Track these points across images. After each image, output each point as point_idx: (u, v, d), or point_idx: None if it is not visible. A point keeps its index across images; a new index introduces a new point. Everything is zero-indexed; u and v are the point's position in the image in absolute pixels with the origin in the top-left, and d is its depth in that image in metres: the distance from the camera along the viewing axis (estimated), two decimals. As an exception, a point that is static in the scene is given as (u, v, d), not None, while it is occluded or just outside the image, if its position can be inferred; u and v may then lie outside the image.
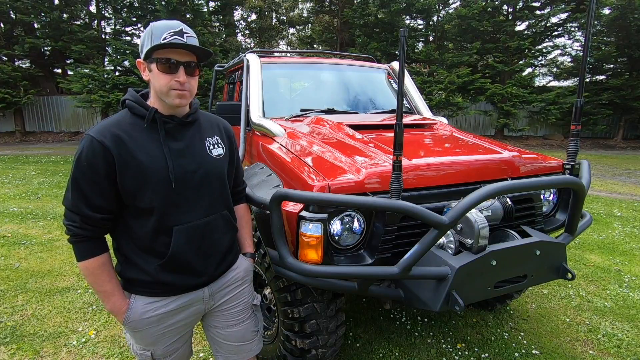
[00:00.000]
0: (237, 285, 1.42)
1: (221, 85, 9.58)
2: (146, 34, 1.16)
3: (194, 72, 1.20)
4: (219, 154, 1.32)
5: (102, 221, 1.16)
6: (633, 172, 9.05)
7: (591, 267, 3.58)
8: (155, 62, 1.14)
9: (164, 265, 1.20)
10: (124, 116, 1.19)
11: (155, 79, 1.16)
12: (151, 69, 1.16)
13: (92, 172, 1.10)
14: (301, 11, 18.27)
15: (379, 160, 1.71)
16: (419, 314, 2.76)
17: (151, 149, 1.16)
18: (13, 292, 2.97)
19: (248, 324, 1.46)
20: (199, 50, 1.18)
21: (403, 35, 1.29)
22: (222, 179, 1.33)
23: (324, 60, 3.38)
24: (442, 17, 13.74)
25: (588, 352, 2.36)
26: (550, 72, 15.23)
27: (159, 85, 1.16)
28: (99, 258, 1.17)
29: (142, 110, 1.18)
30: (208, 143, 1.30)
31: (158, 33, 1.13)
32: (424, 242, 1.34)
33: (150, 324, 1.24)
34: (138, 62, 1.21)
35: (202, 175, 1.25)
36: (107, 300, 1.21)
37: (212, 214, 1.29)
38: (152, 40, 1.13)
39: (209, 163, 1.28)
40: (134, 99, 1.21)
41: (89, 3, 14.40)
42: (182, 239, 1.21)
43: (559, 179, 1.59)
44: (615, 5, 12.15)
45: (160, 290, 1.24)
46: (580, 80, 1.71)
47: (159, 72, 1.15)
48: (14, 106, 13.40)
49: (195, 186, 1.23)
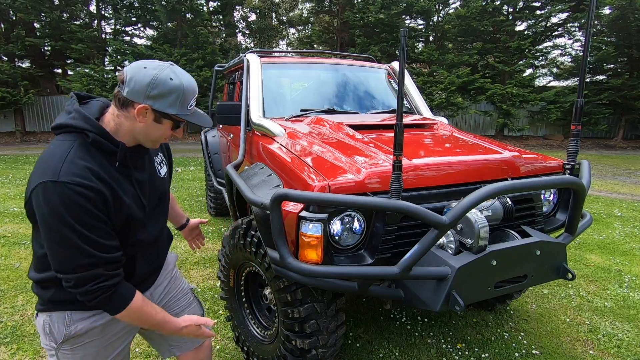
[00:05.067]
0: (170, 276, 1.44)
1: (221, 85, 9.59)
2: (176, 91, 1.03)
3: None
4: (165, 172, 1.32)
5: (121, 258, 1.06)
6: (633, 172, 9.05)
7: (591, 267, 3.58)
8: (169, 119, 1.07)
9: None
10: (86, 151, 1.00)
11: (155, 130, 1.07)
12: (160, 122, 1.06)
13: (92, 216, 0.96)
14: (301, 11, 18.26)
15: (379, 160, 1.71)
16: (419, 314, 2.76)
17: (126, 185, 1.07)
18: (13, 292, 2.97)
19: (194, 307, 1.49)
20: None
21: (403, 35, 1.29)
22: (168, 195, 1.36)
23: (324, 60, 3.38)
24: (442, 17, 13.74)
25: (588, 352, 2.36)
26: (550, 72, 15.22)
27: (156, 135, 1.09)
28: (137, 294, 1.09)
29: (110, 146, 1.03)
30: (156, 164, 1.28)
31: (189, 98, 1.06)
32: (424, 242, 1.34)
33: (93, 336, 1.15)
34: (140, 108, 1.01)
35: (158, 197, 1.25)
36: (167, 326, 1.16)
37: (164, 229, 1.33)
38: (182, 105, 1.05)
39: (162, 185, 1.28)
40: (98, 132, 1.01)
41: (89, 3, 14.40)
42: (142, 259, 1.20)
43: (559, 179, 1.59)
44: (616, 5, 12.15)
45: None
46: (580, 80, 1.71)
47: (167, 129, 1.09)
48: (14, 106, 13.39)
49: (154, 208, 1.23)
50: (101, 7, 14.33)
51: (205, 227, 4.49)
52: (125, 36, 14.98)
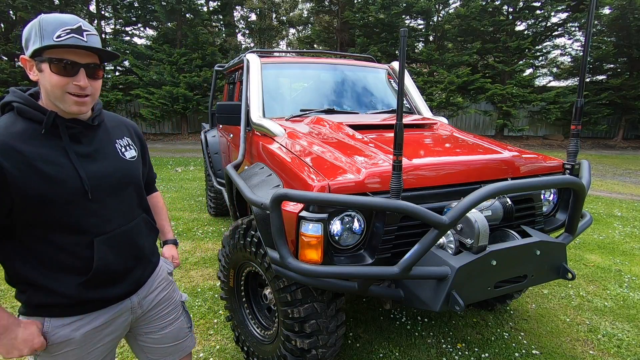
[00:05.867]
0: (163, 286, 1.35)
1: (221, 85, 9.59)
2: (33, 27, 0.98)
3: (95, 74, 1.05)
4: (133, 156, 1.24)
5: None
6: (633, 172, 9.05)
7: (591, 267, 3.58)
8: (47, 62, 0.98)
9: (87, 282, 1.08)
10: (13, 122, 1.00)
11: (47, 81, 0.99)
12: (41, 69, 0.99)
13: None
14: (301, 11, 18.27)
15: (379, 160, 1.71)
16: (419, 314, 2.76)
17: (54, 157, 1.01)
18: (13, 292, 2.97)
19: (180, 321, 1.41)
20: (101, 51, 1.04)
21: (403, 35, 1.29)
22: (139, 181, 1.26)
23: (324, 60, 3.38)
24: (442, 17, 13.75)
25: (588, 352, 2.36)
26: (550, 72, 15.23)
27: (52, 88, 0.99)
28: None
29: (37, 114, 1.01)
30: (119, 146, 1.21)
31: (50, 29, 0.96)
32: (424, 242, 1.34)
33: (70, 346, 1.09)
34: (22, 59, 1.02)
35: (118, 179, 1.15)
36: None
37: (134, 219, 1.21)
38: (43, 37, 0.96)
39: (124, 166, 1.19)
40: (24, 101, 1.02)
41: (89, 3, 14.40)
42: (106, 250, 1.10)
43: (559, 179, 1.59)
44: (615, 5, 12.15)
45: (83, 309, 1.11)
46: (580, 80, 1.71)
47: (52, 74, 0.98)
48: (13, 106, 13.39)
49: (112, 193, 1.13)
50: (101, 7, 14.34)
51: (205, 227, 4.49)
52: (125, 36, 14.97)
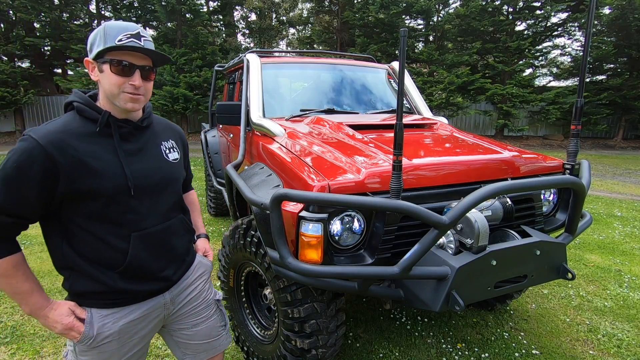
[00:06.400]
0: (196, 285, 1.39)
1: (221, 85, 9.59)
2: (98, 33, 1.10)
3: (149, 76, 1.16)
4: (175, 158, 1.31)
5: (13, 227, 1.06)
6: (633, 172, 9.05)
7: (591, 267, 3.58)
8: (107, 63, 1.09)
9: (122, 272, 1.15)
10: (72, 120, 1.11)
11: (107, 80, 1.11)
12: (102, 69, 1.11)
13: (20, 178, 1.00)
14: (301, 11, 18.26)
15: (379, 160, 1.71)
16: (419, 314, 2.76)
17: (104, 154, 1.11)
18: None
19: (214, 320, 1.44)
20: (155, 55, 1.14)
21: (403, 35, 1.29)
22: (178, 183, 1.32)
23: (324, 60, 3.38)
24: (442, 17, 13.75)
25: (588, 352, 2.36)
26: (550, 72, 15.23)
27: (110, 86, 1.10)
28: (13, 258, 1.06)
29: (93, 113, 1.12)
30: (164, 147, 1.28)
31: (113, 33, 1.08)
32: (424, 242, 1.34)
33: (109, 338, 1.17)
34: (86, 61, 1.14)
35: (159, 180, 1.22)
36: (25, 302, 1.09)
37: (170, 219, 1.27)
38: (106, 40, 1.08)
39: (166, 167, 1.25)
40: (83, 101, 1.13)
41: (89, 3, 14.40)
42: (141, 245, 1.17)
43: (559, 179, 1.59)
44: (615, 5, 12.15)
45: (120, 300, 1.18)
46: (580, 80, 1.71)
47: (111, 74, 1.09)
48: (13, 105, 13.39)
49: (152, 192, 1.20)
50: (101, 7, 14.34)
51: (206, 227, 4.48)
52: (125, 36, 14.97)
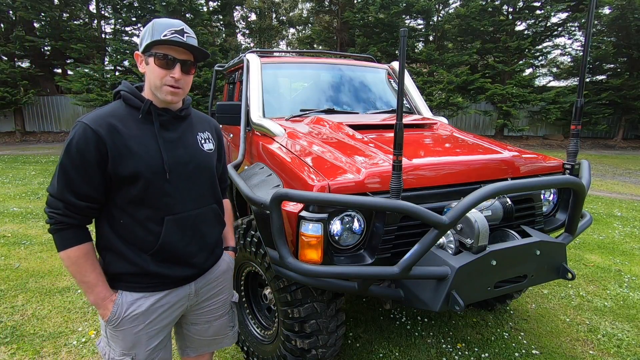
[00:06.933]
0: (220, 281, 1.44)
1: (221, 85, 9.58)
2: (147, 29, 1.19)
3: (189, 70, 1.23)
4: (210, 148, 1.37)
5: (87, 209, 1.16)
6: (633, 172, 9.05)
7: (591, 267, 3.58)
8: (153, 56, 1.18)
9: (154, 254, 1.21)
10: (118, 107, 1.21)
11: (151, 72, 1.19)
12: (148, 62, 1.20)
13: (82, 160, 1.11)
14: (301, 11, 18.25)
15: (379, 160, 1.71)
16: (419, 314, 2.76)
17: (145, 139, 1.19)
18: (13, 292, 2.97)
19: (225, 319, 1.50)
20: (196, 51, 1.22)
21: (403, 35, 1.29)
22: (212, 172, 1.38)
23: (324, 60, 3.38)
24: (442, 17, 13.74)
25: (588, 352, 2.36)
26: (550, 72, 15.22)
27: (153, 78, 1.19)
28: (83, 247, 1.16)
29: (137, 102, 1.21)
30: (200, 138, 1.35)
31: (160, 29, 1.16)
32: (424, 242, 1.34)
33: (135, 320, 1.23)
34: (136, 55, 1.24)
35: (194, 167, 1.29)
36: (91, 291, 1.19)
37: (203, 206, 1.32)
38: (153, 35, 1.17)
39: (201, 156, 1.32)
40: (129, 90, 1.23)
41: (89, 2, 14.39)
42: (173, 229, 1.23)
43: (559, 179, 1.59)
44: (615, 5, 12.14)
45: (150, 283, 1.24)
46: (580, 80, 1.71)
47: (155, 66, 1.18)
48: (13, 105, 13.39)
49: (187, 177, 1.27)
50: (101, 7, 14.31)
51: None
52: (125, 36, 14.94)
